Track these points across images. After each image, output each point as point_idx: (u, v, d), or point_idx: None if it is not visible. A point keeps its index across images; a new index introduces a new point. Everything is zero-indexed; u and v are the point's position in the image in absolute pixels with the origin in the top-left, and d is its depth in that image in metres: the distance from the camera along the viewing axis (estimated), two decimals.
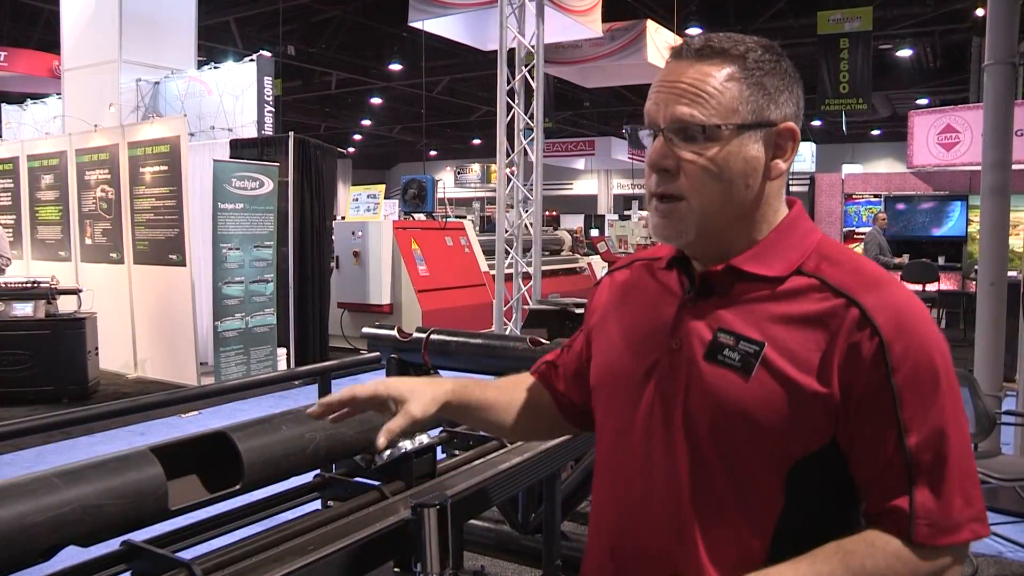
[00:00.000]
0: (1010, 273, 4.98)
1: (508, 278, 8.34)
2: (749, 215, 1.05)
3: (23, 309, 6.78)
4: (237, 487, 1.41)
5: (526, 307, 8.09)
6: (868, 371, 0.95)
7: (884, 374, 0.95)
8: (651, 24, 11.10)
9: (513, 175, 8.21)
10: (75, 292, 7.21)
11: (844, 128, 16.36)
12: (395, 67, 17.21)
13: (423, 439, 1.80)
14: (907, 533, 0.94)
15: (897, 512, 0.95)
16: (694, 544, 1.00)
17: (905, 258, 10.56)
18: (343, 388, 1.19)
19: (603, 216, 27.25)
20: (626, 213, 21.54)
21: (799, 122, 1.05)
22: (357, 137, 28.97)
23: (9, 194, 9.41)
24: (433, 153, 32.34)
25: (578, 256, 14.27)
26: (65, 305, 7.19)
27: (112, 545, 1.32)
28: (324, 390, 3.01)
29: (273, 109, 8.92)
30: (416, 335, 2.45)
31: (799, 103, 1.05)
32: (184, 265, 7.39)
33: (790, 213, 1.09)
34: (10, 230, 9.15)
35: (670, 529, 1.02)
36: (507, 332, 8.00)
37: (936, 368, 0.97)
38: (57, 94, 10.72)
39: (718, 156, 1.00)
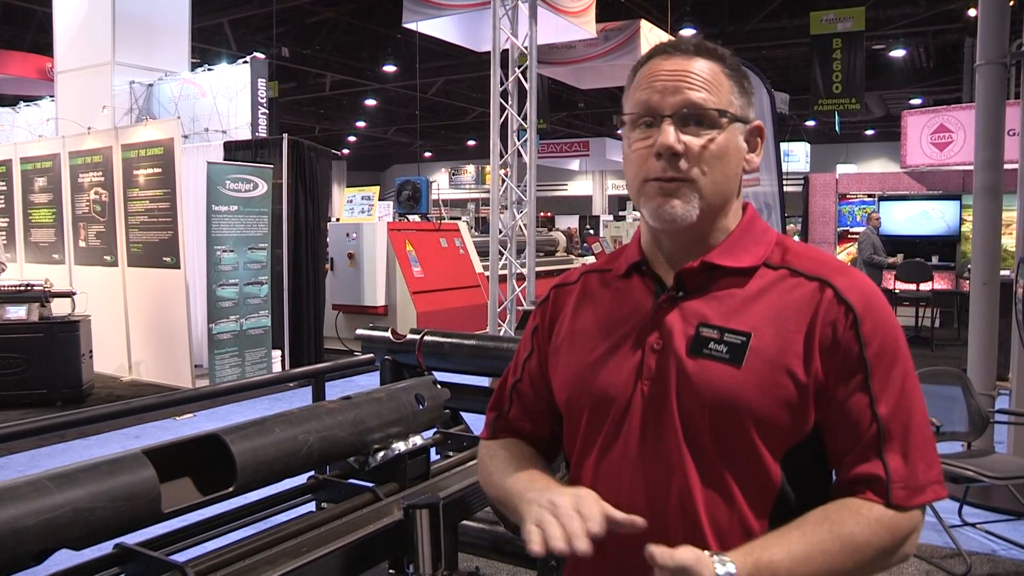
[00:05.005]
0: (1003, 272, 5.00)
1: (502, 279, 8.34)
2: (727, 206, 1.11)
3: (16, 312, 6.76)
4: (230, 489, 1.41)
5: (520, 308, 8.10)
6: (845, 346, 1.02)
7: (858, 348, 1.02)
8: (645, 24, 11.11)
9: (507, 176, 8.22)
10: (69, 295, 7.20)
11: (837, 128, 16.39)
12: (389, 69, 17.21)
13: (416, 440, 1.80)
14: (884, 497, 1.00)
15: (873, 478, 1.01)
16: (702, 533, 1.02)
17: (899, 257, 10.58)
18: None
19: (598, 217, 27.29)
20: (621, 214, 21.53)
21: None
22: (352, 139, 28.96)
23: (2, 197, 9.39)
24: (428, 155, 32.33)
25: (573, 257, 14.30)
26: (59, 308, 7.17)
27: (105, 548, 1.32)
28: (319, 392, 3.01)
29: (267, 111, 8.91)
30: (410, 336, 2.45)
31: (756, 109, 1.14)
32: (178, 267, 7.38)
33: (747, 213, 1.15)
34: (3, 233, 9.13)
35: (677, 523, 1.03)
36: (501, 333, 8.01)
37: (899, 343, 1.05)
38: (50, 96, 10.71)
39: (720, 141, 1.06)
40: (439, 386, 2.04)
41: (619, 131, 1.15)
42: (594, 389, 1.12)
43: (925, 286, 10.10)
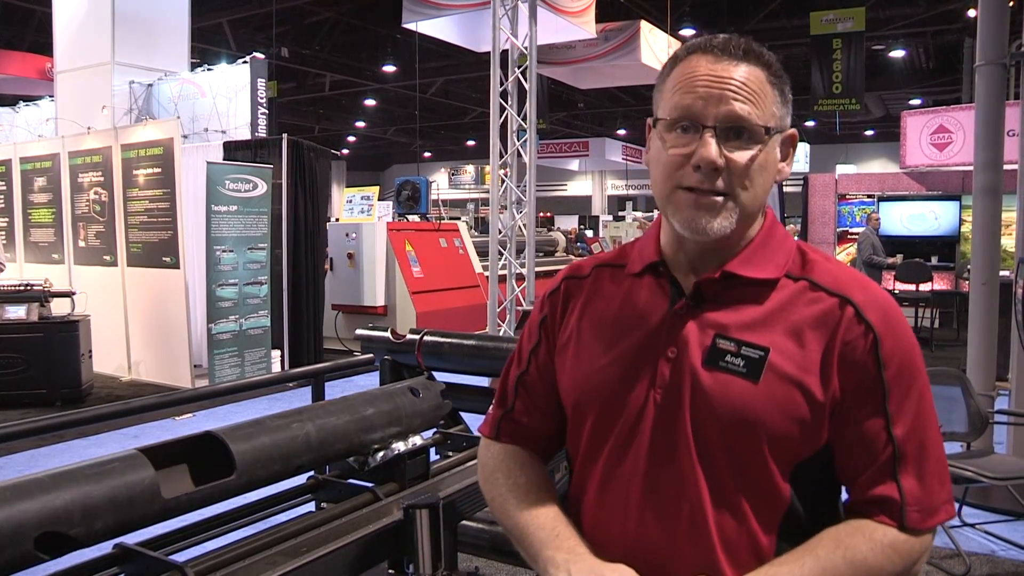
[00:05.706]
0: (1002, 272, 4.99)
1: (502, 279, 8.34)
2: (757, 215, 1.09)
3: (16, 312, 6.75)
4: (232, 476, 1.41)
5: (520, 308, 8.10)
6: (863, 366, 1.00)
7: (876, 369, 1.00)
8: (644, 25, 11.12)
9: (507, 176, 8.22)
10: (68, 295, 7.19)
11: (837, 128, 16.40)
12: (389, 69, 17.22)
13: (416, 441, 1.80)
14: (899, 519, 0.99)
15: (887, 500, 1.00)
16: (711, 547, 1.01)
17: (899, 258, 10.58)
18: None
19: (597, 217, 27.29)
20: (620, 214, 21.55)
21: None
22: (351, 139, 28.96)
23: (2, 197, 9.38)
24: (427, 155, 32.32)
25: (572, 257, 14.32)
26: (58, 308, 7.17)
27: (105, 548, 1.32)
28: (318, 392, 3.00)
29: (267, 111, 8.90)
30: (410, 336, 2.45)
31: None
32: (178, 267, 7.38)
33: (767, 219, 1.12)
34: (3, 233, 9.13)
35: (687, 537, 1.02)
36: (501, 333, 8.01)
37: (916, 362, 1.04)
38: (50, 96, 10.70)
39: (760, 157, 1.02)
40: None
41: (650, 121, 1.09)
42: (604, 393, 1.10)
43: (925, 286, 10.10)
